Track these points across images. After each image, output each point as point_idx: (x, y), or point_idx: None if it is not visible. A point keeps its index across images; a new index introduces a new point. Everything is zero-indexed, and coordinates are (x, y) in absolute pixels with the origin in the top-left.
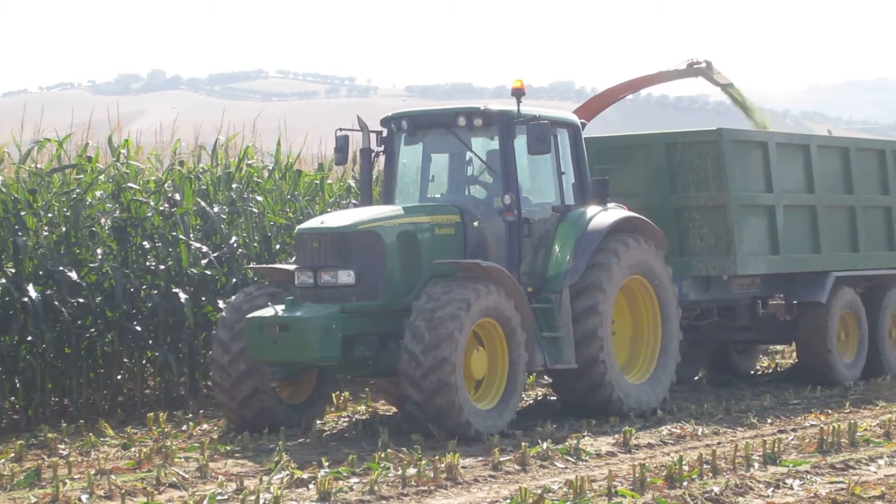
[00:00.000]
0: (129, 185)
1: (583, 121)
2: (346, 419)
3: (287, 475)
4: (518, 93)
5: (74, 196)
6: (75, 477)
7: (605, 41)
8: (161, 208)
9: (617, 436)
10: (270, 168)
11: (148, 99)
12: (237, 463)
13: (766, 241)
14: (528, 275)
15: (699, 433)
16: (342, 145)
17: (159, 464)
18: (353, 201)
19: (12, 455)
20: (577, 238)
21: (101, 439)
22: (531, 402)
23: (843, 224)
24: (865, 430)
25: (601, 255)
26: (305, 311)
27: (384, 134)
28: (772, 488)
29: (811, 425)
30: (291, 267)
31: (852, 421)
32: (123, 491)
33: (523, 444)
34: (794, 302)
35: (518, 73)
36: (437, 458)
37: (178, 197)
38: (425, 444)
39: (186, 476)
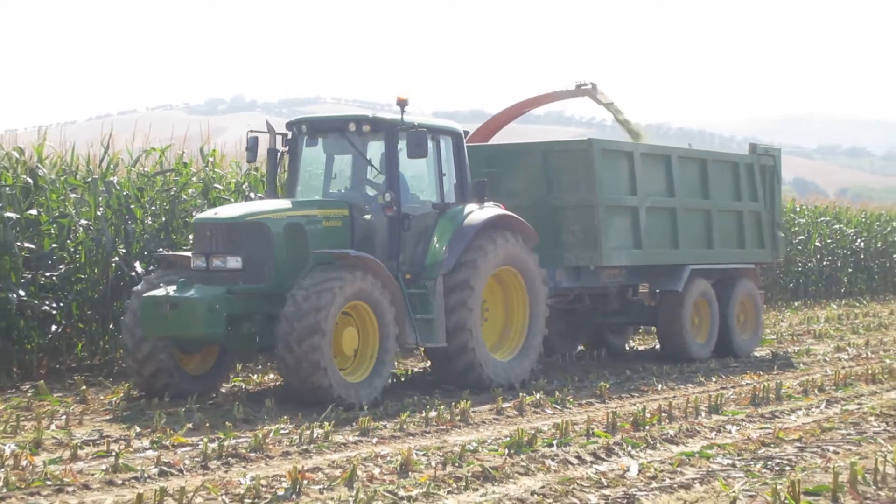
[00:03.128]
0: (216, 185)
1: (466, 130)
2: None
3: (335, 416)
4: (402, 103)
5: (172, 193)
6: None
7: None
8: None
9: (595, 389)
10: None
11: (230, 118)
12: (295, 405)
13: (630, 237)
14: (407, 263)
15: (659, 388)
16: (252, 145)
17: (237, 403)
18: (259, 195)
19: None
20: (453, 232)
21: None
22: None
23: (700, 224)
24: (788, 388)
25: (474, 247)
26: (194, 291)
27: (289, 136)
28: (714, 431)
29: (746, 384)
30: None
31: (778, 381)
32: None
33: (521, 394)
34: (657, 290)
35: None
36: (453, 404)
37: (252, 195)
38: (444, 393)
39: (256, 415)
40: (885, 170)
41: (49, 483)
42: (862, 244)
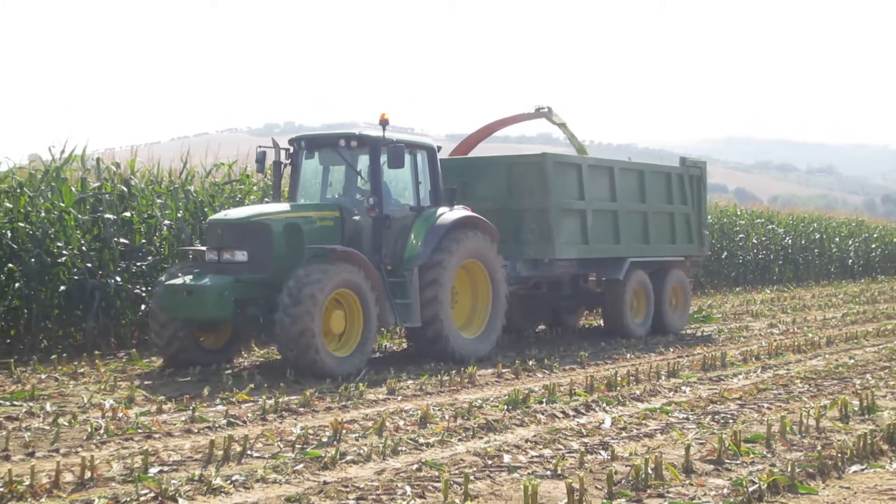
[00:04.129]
0: (272, 193)
1: (439, 145)
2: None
3: (367, 378)
4: (383, 122)
5: (237, 199)
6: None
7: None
8: None
9: (576, 357)
10: None
11: (283, 140)
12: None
13: (579, 234)
14: (389, 257)
15: (628, 357)
16: (260, 158)
17: (289, 368)
18: (266, 199)
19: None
20: (427, 230)
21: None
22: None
23: (638, 224)
24: (731, 357)
25: (445, 243)
26: (206, 280)
27: (291, 150)
28: (672, 391)
29: (698, 353)
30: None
31: (723, 351)
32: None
33: (517, 361)
34: (603, 279)
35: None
36: (462, 369)
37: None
38: (455, 360)
39: (304, 378)
40: (809, 182)
41: (140, 431)
42: (790, 241)
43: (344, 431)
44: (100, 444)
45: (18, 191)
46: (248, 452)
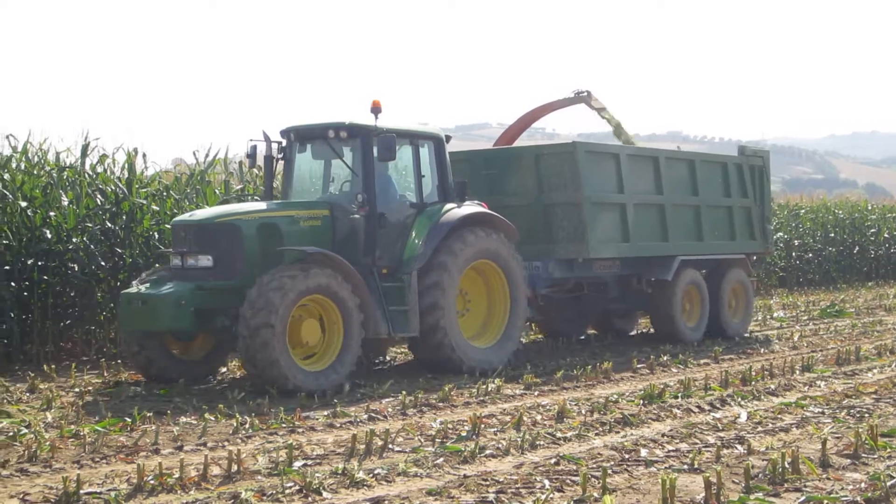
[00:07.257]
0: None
1: (448, 135)
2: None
3: (504, 374)
4: (375, 110)
5: None
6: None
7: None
8: None
9: (711, 354)
10: None
11: None
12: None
13: (618, 231)
14: (384, 259)
15: (762, 352)
16: (251, 152)
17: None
18: (256, 197)
19: None
20: (429, 229)
21: None
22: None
23: (689, 219)
24: (865, 351)
25: (449, 242)
26: (163, 288)
27: (283, 144)
28: (807, 386)
29: (832, 348)
30: None
31: (857, 345)
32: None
33: (651, 356)
34: (652, 279)
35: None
36: (597, 364)
37: None
38: (589, 356)
39: (442, 375)
40: None
41: (284, 426)
42: None
43: (482, 426)
44: (245, 438)
45: (165, 194)
46: (390, 446)
